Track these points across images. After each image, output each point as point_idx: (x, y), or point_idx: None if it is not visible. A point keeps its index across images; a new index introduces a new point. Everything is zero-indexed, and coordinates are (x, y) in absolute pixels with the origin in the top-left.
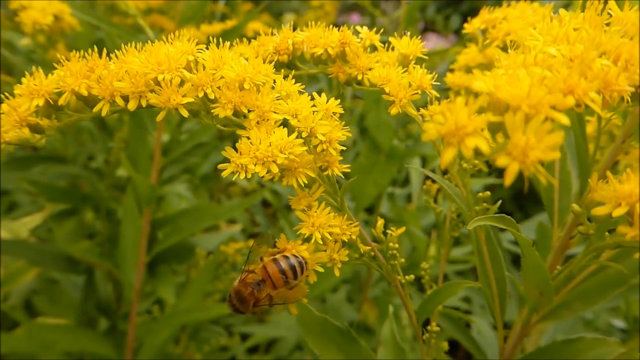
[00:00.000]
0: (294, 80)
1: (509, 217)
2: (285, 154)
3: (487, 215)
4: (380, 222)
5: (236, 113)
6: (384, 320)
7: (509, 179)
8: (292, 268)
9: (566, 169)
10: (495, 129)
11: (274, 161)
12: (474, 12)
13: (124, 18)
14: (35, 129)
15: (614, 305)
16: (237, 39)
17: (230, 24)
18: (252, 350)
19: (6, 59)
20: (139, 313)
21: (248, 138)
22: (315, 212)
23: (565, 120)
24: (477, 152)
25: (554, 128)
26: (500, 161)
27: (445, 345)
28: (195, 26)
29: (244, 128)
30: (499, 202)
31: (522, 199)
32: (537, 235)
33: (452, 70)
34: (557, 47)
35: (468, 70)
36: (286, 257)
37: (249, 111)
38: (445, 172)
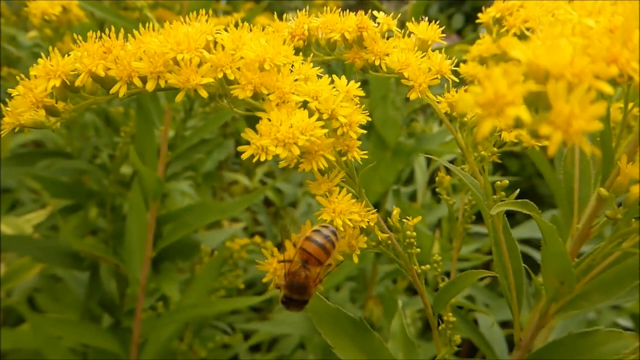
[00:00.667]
0: (311, 65)
1: (531, 202)
2: (306, 135)
3: (509, 201)
4: (397, 210)
5: (255, 95)
6: (389, 318)
7: (552, 149)
8: (328, 238)
9: (586, 158)
10: (532, 100)
11: (295, 143)
12: (476, 12)
13: (130, 12)
14: (51, 111)
15: (618, 303)
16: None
17: (237, 16)
18: (254, 349)
19: (10, 53)
20: (143, 310)
21: (269, 120)
22: (337, 198)
23: (609, 89)
24: (517, 124)
25: (596, 98)
26: (544, 130)
27: (457, 339)
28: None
29: (262, 111)
30: (517, 191)
31: (525, 198)
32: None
33: (464, 62)
34: (594, 19)
35: (481, 61)
36: (318, 231)
37: (268, 94)
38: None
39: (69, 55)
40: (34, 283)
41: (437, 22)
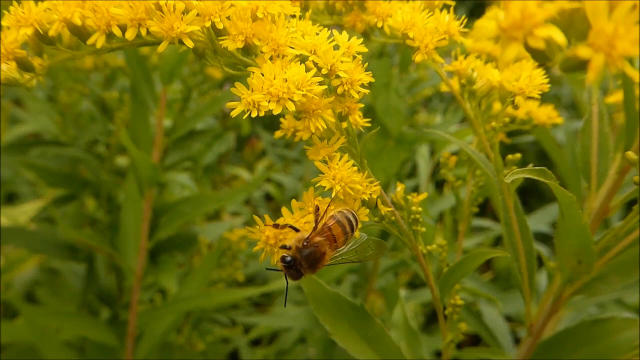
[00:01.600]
0: (310, 22)
1: (549, 171)
2: (302, 90)
3: (525, 169)
4: (401, 187)
5: (246, 49)
6: (391, 310)
7: (592, 75)
8: (350, 222)
9: (604, 130)
10: (564, 26)
11: (290, 99)
12: (478, 6)
13: None
14: (24, 65)
15: (619, 297)
16: None
17: None
18: (254, 344)
19: None
20: (141, 302)
21: (262, 75)
22: (337, 164)
23: None
24: (541, 55)
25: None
26: (582, 52)
27: (463, 326)
28: None
29: (256, 67)
30: (531, 164)
31: (526, 195)
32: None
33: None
34: None
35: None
36: (343, 212)
37: (261, 50)
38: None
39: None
40: (34, 276)
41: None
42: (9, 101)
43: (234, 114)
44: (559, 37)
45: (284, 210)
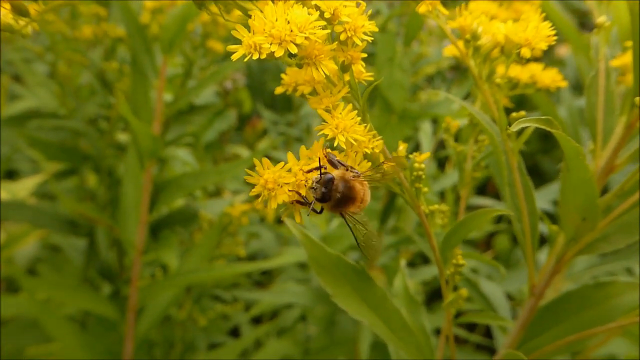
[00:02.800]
0: None
1: (554, 120)
2: (305, 33)
3: (531, 117)
4: (403, 146)
5: None
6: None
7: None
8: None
9: (610, 87)
10: None
11: (292, 41)
12: None
13: None
14: (19, 10)
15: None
16: None
17: None
18: (256, 322)
19: None
20: (142, 278)
21: (264, 17)
22: (340, 113)
23: None
24: None
25: None
26: None
27: (464, 292)
28: None
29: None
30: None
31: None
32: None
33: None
34: None
35: None
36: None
37: None
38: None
39: None
40: (36, 252)
41: None
42: (8, 77)
43: (234, 57)
44: None
45: (290, 154)
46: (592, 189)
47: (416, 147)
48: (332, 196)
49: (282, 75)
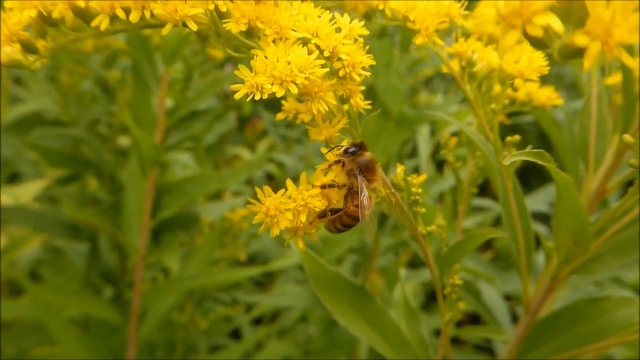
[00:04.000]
0: (312, 4)
1: (547, 153)
2: (305, 73)
3: (523, 151)
4: (401, 168)
5: (250, 31)
6: (391, 290)
7: (588, 63)
8: None
9: (602, 111)
10: (563, 13)
11: (292, 81)
12: None
13: None
14: (28, 47)
15: (616, 274)
16: None
17: None
18: (257, 322)
19: None
20: (144, 281)
21: (265, 57)
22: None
23: None
24: (539, 42)
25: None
26: (579, 40)
27: (462, 305)
28: None
29: (259, 49)
30: (530, 145)
31: (528, 175)
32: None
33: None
34: None
35: None
36: None
37: (264, 32)
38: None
39: None
40: (38, 255)
41: None
42: (10, 80)
43: (237, 96)
44: (556, 25)
45: (289, 181)
46: (582, 216)
47: (414, 150)
48: (360, 154)
49: (283, 102)
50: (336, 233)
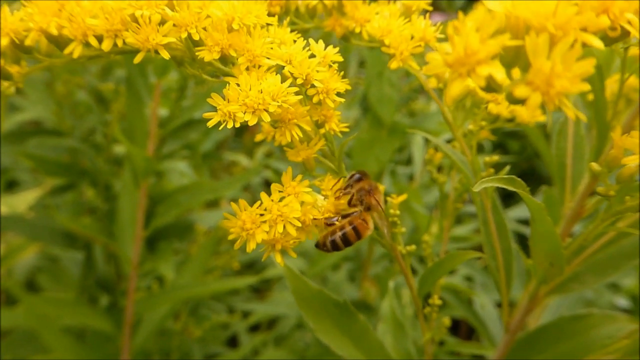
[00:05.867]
0: (289, 29)
1: (518, 179)
2: (278, 101)
3: (495, 177)
4: (381, 188)
5: (224, 59)
6: (384, 298)
7: (528, 114)
8: None
9: (580, 132)
10: (511, 60)
11: (265, 110)
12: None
13: None
14: (2, 73)
15: (614, 282)
16: None
17: None
18: (253, 329)
19: None
20: (139, 289)
21: (237, 85)
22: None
23: (598, 43)
24: (490, 87)
25: (583, 55)
26: (519, 92)
27: (446, 321)
28: None
29: (232, 77)
30: (507, 167)
31: (525, 178)
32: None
33: None
34: None
35: None
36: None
37: (237, 58)
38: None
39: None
40: (35, 263)
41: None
42: None
43: (210, 124)
44: (499, 75)
45: (263, 194)
46: (555, 240)
47: (409, 158)
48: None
49: (262, 124)
50: (330, 250)
